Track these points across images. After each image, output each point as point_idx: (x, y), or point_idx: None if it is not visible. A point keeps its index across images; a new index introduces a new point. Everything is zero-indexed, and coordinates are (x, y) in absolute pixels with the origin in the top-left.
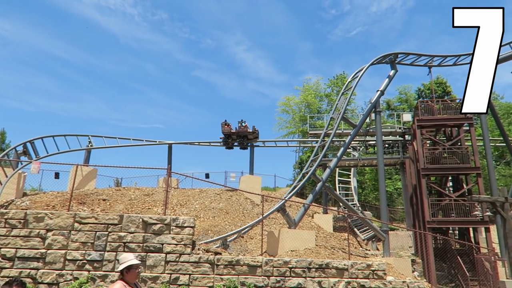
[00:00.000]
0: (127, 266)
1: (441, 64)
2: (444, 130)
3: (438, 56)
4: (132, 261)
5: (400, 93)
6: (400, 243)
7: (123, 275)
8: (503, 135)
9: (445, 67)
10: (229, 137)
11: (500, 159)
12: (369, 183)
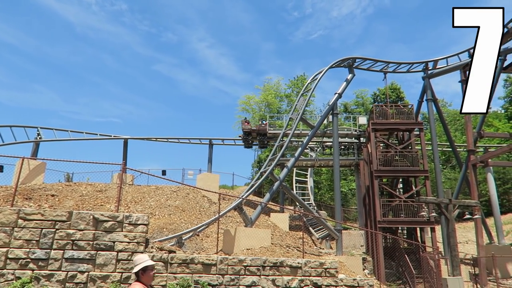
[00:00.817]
0: (143, 268)
1: (395, 71)
2: (396, 134)
3: (393, 63)
4: (147, 262)
5: (357, 96)
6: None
7: (138, 276)
8: (450, 140)
9: (399, 73)
10: (249, 135)
11: (446, 163)
12: (325, 183)
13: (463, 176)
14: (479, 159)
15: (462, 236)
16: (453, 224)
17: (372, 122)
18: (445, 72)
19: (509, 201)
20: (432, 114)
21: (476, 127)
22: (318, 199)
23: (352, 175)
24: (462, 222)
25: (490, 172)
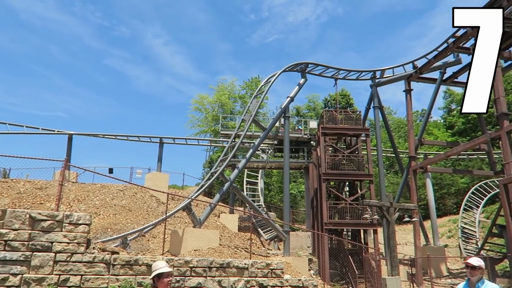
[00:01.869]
0: (158, 274)
1: (345, 78)
2: (344, 138)
3: (343, 70)
4: (163, 268)
5: (309, 101)
6: (300, 243)
7: (154, 282)
8: (393, 147)
9: (349, 80)
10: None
11: (390, 168)
12: (276, 185)
13: (404, 181)
14: (419, 165)
15: (402, 238)
16: (393, 227)
17: (322, 127)
18: (391, 82)
19: (445, 205)
20: (378, 121)
21: (417, 135)
22: (268, 201)
23: (302, 177)
24: (402, 225)
25: (429, 177)
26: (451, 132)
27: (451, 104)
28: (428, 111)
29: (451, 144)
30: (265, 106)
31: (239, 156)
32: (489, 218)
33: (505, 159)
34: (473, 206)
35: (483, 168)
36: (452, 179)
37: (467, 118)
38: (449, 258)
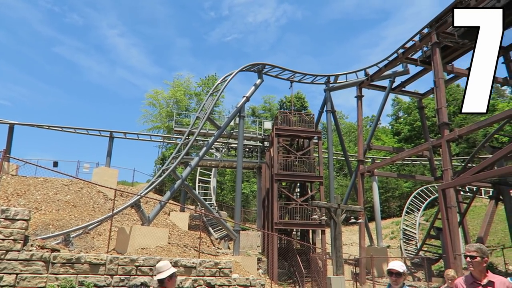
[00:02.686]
0: (170, 275)
1: (301, 81)
2: (297, 140)
3: (299, 73)
4: (172, 269)
5: (265, 102)
6: (250, 243)
7: (163, 283)
8: (344, 150)
9: (304, 84)
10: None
11: (340, 170)
12: (229, 184)
13: (352, 183)
14: (367, 168)
15: (348, 238)
16: (340, 227)
17: (276, 128)
18: (344, 87)
19: (389, 208)
20: (330, 124)
21: (366, 140)
22: (220, 200)
23: (255, 177)
24: (349, 226)
25: (375, 181)
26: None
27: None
28: (377, 118)
29: (397, 150)
30: (221, 104)
31: (192, 154)
32: (428, 221)
33: (444, 166)
34: (414, 209)
35: (425, 173)
36: (396, 183)
37: (412, 126)
38: (390, 259)
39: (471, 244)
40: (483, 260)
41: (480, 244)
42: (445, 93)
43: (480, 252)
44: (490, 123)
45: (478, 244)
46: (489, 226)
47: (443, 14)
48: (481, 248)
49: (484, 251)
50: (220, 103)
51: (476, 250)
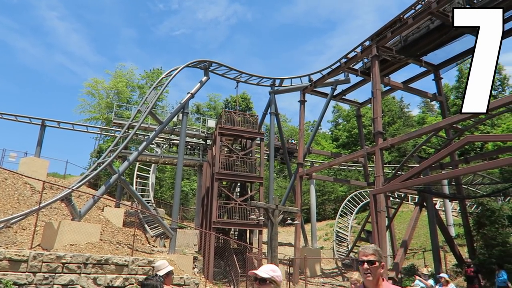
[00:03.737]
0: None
1: (247, 81)
2: (240, 140)
3: (245, 74)
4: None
5: (210, 100)
6: (187, 241)
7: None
8: (284, 152)
9: (250, 85)
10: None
11: (280, 172)
12: (168, 181)
13: (291, 185)
14: (306, 172)
15: (284, 239)
16: (277, 228)
17: (220, 127)
18: (288, 91)
19: (324, 210)
20: (273, 126)
21: (307, 144)
22: (158, 197)
23: (196, 175)
24: (286, 227)
25: (313, 184)
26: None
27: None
28: (318, 123)
29: (335, 155)
30: (164, 99)
31: (131, 148)
32: (360, 224)
33: (377, 173)
34: (348, 212)
35: (359, 179)
36: (332, 187)
37: (350, 133)
38: (323, 259)
39: (367, 245)
40: (381, 265)
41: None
42: (381, 103)
43: (377, 255)
44: (419, 134)
45: (373, 245)
46: (413, 230)
47: (383, 29)
48: (378, 250)
49: (381, 254)
50: (163, 97)
51: (374, 252)
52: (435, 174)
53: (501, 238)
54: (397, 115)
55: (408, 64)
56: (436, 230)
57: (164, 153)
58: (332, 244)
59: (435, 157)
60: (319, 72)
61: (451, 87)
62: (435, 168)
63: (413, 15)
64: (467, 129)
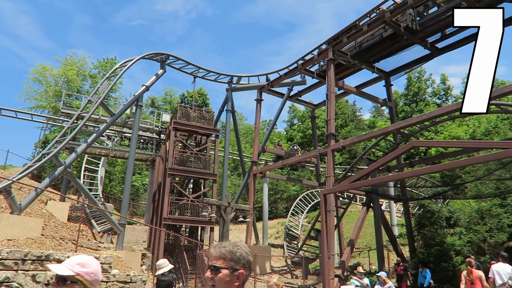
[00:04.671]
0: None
1: (204, 77)
2: (195, 136)
3: (203, 69)
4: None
5: (166, 93)
6: (135, 237)
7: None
8: (239, 150)
9: (208, 81)
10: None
11: (234, 170)
12: (119, 175)
13: (245, 183)
14: (259, 170)
15: (236, 236)
16: (228, 225)
17: (175, 121)
18: (245, 89)
19: (276, 209)
20: (229, 124)
21: (262, 142)
22: (108, 191)
23: (148, 170)
24: (238, 224)
25: (266, 182)
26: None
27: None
28: (273, 122)
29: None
30: (118, 90)
31: (80, 140)
32: (310, 223)
33: (328, 173)
34: (299, 211)
35: (312, 179)
36: (285, 186)
37: (304, 133)
38: (273, 257)
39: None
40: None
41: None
42: (334, 106)
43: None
44: (369, 137)
45: (228, 244)
46: (360, 230)
47: (339, 34)
48: (231, 252)
49: (237, 258)
50: (117, 88)
51: (222, 256)
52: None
53: (439, 238)
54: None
55: (361, 69)
56: (381, 229)
57: (115, 146)
58: (283, 242)
59: (383, 160)
60: (276, 72)
61: (400, 94)
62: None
63: (368, 22)
64: (413, 134)
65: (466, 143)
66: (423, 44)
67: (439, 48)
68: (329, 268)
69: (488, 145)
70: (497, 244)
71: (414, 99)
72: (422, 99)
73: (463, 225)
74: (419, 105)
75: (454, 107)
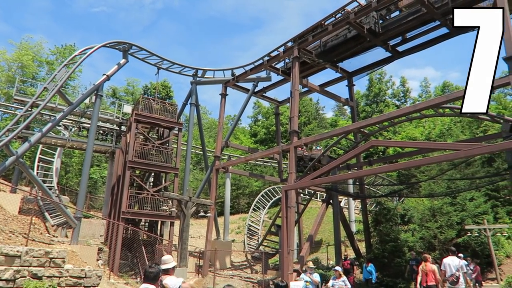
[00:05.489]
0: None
1: (168, 69)
2: (157, 129)
3: (167, 61)
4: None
5: (128, 84)
6: (92, 231)
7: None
8: (203, 144)
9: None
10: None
11: (197, 164)
12: (76, 167)
13: (207, 178)
14: (222, 165)
15: (197, 231)
16: (189, 220)
17: (137, 113)
18: (210, 83)
19: (239, 204)
20: (193, 117)
21: (225, 137)
22: (63, 183)
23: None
24: (199, 219)
25: (229, 177)
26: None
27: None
28: (237, 117)
29: (252, 150)
30: (77, 78)
31: (34, 129)
32: (271, 219)
33: (290, 169)
34: (260, 207)
35: (274, 175)
36: (248, 182)
37: (268, 130)
38: (234, 252)
39: None
40: None
41: None
42: (298, 104)
43: None
44: (330, 136)
45: None
46: (319, 226)
47: (305, 33)
48: None
49: None
50: (76, 77)
51: None
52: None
53: (394, 235)
54: (312, 116)
55: (325, 68)
56: (339, 225)
57: (72, 137)
58: (244, 237)
59: (343, 158)
60: (242, 67)
61: (362, 94)
62: (343, 168)
63: (333, 22)
64: (373, 134)
65: (422, 144)
66: (385, 47)
67: (399, 51)
68: (288, 263)
69: (441, 146)
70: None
71: (374, 100)
72: (382, 100)
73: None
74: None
75: (411, 108)
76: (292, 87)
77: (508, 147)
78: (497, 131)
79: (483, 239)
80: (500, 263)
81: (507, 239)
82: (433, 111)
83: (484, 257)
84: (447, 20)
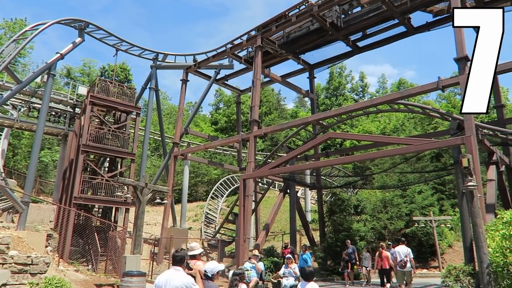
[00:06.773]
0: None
1: (127, 51)
2: (114, 113)
3: (126, 42)
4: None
5: (84, 65)
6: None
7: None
8: (161, 130)
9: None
10: None
11: (155, 150)
12: (25, 149)
13: (165, 164)
14: (181, 152)
15: (153, 218)
16: (144, 207)
17: (92, 95)
18: (171, 67)
19: (197, 192)
20: (152, 102)
21: (185, 124)
22: (10, 166)
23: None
24: (156, 206)
25: (187, 165)
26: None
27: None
28: (198, 104)
29: (212, 138)
30: (27, 56)
31: None
32: (229, 207)
33: (249, 158)
34: (219, 195)
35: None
36: (207, 169)
37: (229, 118)
38: (190, 239)
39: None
40: None
41: None
42: (260, 93)
43: None
44: (290, 126)
45: None
46: (276, 215)
47: (269, 22)
48: None
49: None
50: (26, 54)
51: None
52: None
53: (347, 225)
54: (274, 106)
55: (287, 59)
56: (295, 215)
57: (21, 117)
58: (201, 225)
59: (301, 149)
60: (204, 53)
61: (322, 87)
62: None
63: (296, 14)
64: (331, 126)
65: (377, 138)
66: (346, 41)
67: (359, 47)
68: (243, 251)
69: (395, 140)
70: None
71: (334, 93)
72: (341, 94)
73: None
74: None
75: (368, 103)
76: (254, 76)
77: (455, 144)
78: (446, 128)
79: (428, 230)
80: (443, 252)
81: (450, 230)
82: (389, 107)
83: (428, 246)
84: (405, 19)
